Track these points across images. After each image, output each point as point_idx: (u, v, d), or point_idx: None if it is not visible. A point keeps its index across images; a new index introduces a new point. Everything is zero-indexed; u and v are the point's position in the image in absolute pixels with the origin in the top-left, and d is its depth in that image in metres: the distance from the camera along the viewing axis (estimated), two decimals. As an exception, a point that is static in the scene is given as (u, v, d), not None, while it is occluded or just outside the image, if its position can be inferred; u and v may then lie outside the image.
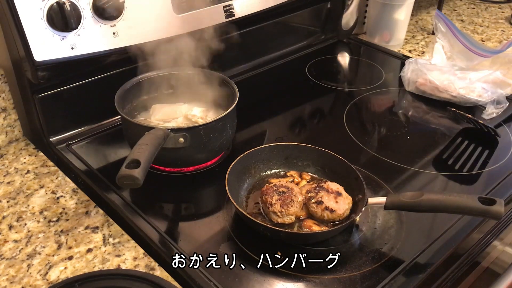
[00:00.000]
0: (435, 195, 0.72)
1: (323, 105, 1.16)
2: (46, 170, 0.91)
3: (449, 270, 0.77)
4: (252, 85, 1.19)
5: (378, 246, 0.74)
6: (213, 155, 0.90)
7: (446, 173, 0.91)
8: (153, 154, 0.72)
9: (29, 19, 0.79)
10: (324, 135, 1.04)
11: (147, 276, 0.67)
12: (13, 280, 0.69)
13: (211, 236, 0.76)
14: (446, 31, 1.21)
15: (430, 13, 1.66)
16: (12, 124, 0.98)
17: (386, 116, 1.11)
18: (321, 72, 1.26)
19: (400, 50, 1.40)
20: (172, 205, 0.84)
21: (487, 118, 1.06)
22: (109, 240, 0.76)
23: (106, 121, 1.00)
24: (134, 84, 0.93)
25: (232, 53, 1.14)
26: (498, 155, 0.96)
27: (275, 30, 1.27)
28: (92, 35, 0.86)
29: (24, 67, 0.85)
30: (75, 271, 0.71)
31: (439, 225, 0.78)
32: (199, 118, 0.94)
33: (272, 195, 0.76)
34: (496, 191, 0.86)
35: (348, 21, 1.38)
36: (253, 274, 0.69)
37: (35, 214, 0.81)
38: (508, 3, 1.77)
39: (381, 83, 1.22)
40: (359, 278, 0.69)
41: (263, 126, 1.05)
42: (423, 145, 0.99)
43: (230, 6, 1.04)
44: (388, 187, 0.86)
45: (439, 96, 1.13)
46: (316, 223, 0.75)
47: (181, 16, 0.97)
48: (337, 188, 0.78)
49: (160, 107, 0.97)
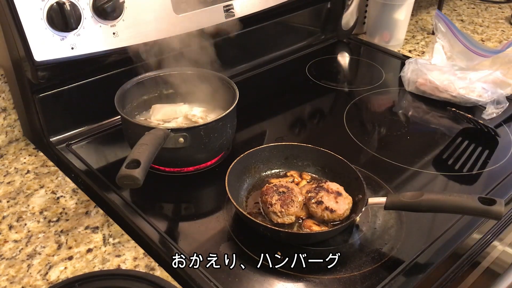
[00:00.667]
0: (435, 195, 0.72)
1: (323, 105, 1.16)
2: (46, 170, 0.91)
3: (449, 270, 0.77)
4: (252, 85, 1.19)
5: (378, 246, 0.74)
6: (213, 155, 0.90)
7: (446, 173, 0.91)
8: (153, 154, 0.72)
9: (29, 19, 0.79)
10: (324, 135, 1.04)
11: (147, 276, 0.67)
12: (13, 280, 0.69)
13: (211, 236, 0.76)
14: (446, 31, 1.21)
15: (430, 13, 1.66)
16: (12, 124, 0.98)
17: (386, 116, 1.11)
18: (321, 72, 1.26)
19: (400, 50, 1.40)
20: (172, 205, 0.84)
21: (487, 118, 1.06)
22: (109, 240, 0.76)
23: (106, 121, 1.00)
24: (134, 84, 0.93)
25: (232, 53, 1.14)
26: (498, 155, 0.96)
27: (275, 30, 1.27)
28: (92, 35, 0.86)
29: (24, 67, 0.85)
30: (75, 271, 0.71)
31: (439, 225, 0.78)
32: (199, 118, 0.94)
33: (272, 195, 0.76)
34: (496, 191, 0.86)
35: (348, 21, 1.38)
36: (253, 274, 0.69)
37: (35, 214, 0.81)
38: (508, 3, 1.77)
39: (381, 83, 1.22)
40: (359, 278, 0.69)
41: (263, 126, 1.05)
42: (423, 145, 0.99)
43: (230, 6, 1.04)
44: (388, 187, 0.86)
45: (439, 96, 1.13)
46: (316, 223, 0.75)
47: (181, 16, 0.97)
48: (337, 188, 0.78)
49: (160, 107, 0.97)
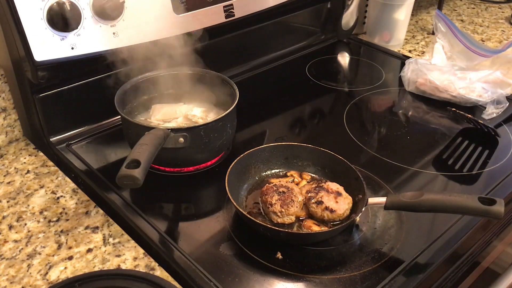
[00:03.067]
0: (435, 195, 0.72)
1: (323, 105, 1.16)
2: (46, 170, 0.91)
3: (449, 270, 0.77)
4: (252, 85, 1.19)
5: (378, 246, 0.74)
6: (213, 155, 0.90)
7: (446, 173, 0.91)
8: (153, 154, 0.72)
9: (29, 19, 0.79)
10: (324, 135, 1.04)
11: (147, 276, 0.67)
12: (13, 280, 0.69)
13: (211, 236, 0.76)
14: (446, 31, 1.21)
15: (430, 13, 1.66)
16: (12, 124, 0.98)
17: (386, 116, 1.11)
18: (321, 72, 1.26)
19: (400, 50, 1.40)
20: (172, 205, 0.84)
21: (487, 118, 1.06)
22: (109, 240, 0.76)
23: (106, 121, 1.00)
24: (134, 84, 0.93)
25: (232, 53, 1.14)
26: (498, 155, 0.96)
27: (275, 30, 1.27)
28: (92, 35, 0.86)
29: (24, 67, 0.85)
30: (75, 271, 0.71)
31: (439, 225, 0.78)
32: (199, 118, 0.94)
33: (272, 195, 0.76)
34: (496, 191, 0.86)
35: (348, 21, 1.38)
36: (253, 274, 0.69)
37: (35, 214, 0.81)
38: (508, 3, 1.77)
39: (381, 83, 1.22)
40: (359, 278, 0.69)
41: (263, 126, 1.05)
42: (423, 145, 0.99)
43: (230, 6, 1.04)
44: (388, 187, 0.86)
45: (439, 96, 1.13)
46: (316, 223, 0.75)
47: (181, 16, 0.97)
48: (337, 188, 0.78)
49: (160, 107, 0.97)
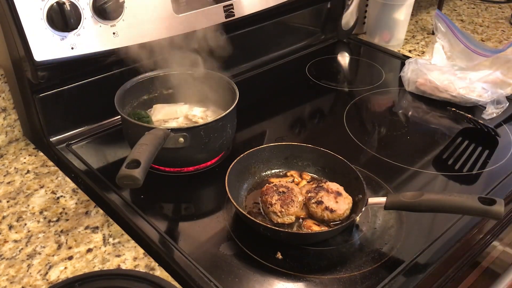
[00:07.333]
0: (435, 195, 0.72)
1: (323, 105, 1.16)
2: (46, 170, 0.91)
3: (449, 270, 0.77)
4: (252, 85, 1.19)
5: (378, 246, 0.74)
6: (213, 155, 0.90)
7: (446, 173, 0.91)
8: (153, 154, 0.72)
9: (29, 19, 0.79)
10: (324, 135, 1.04)
11: (147, 276, 0.67)
12: (13, 280, 0.69)
13: (211, 236, 0.76)
14: (446, 31, 1.21)
15: (430, 13, 1.66)
16: (12, 124, 0.98)
17: (386, 116, 1.11)
18: (321, 72, 1.26)
19: (400, 50, 1.40)
20: (172, 205, 0.84)
21: (487, 118, 1.06)
22: (109, 240, 0.76)
23: (106, 121, 1.00)
24: (134, 84, 0.93)
25: (232, 53, 1.14)
26: (498, 155, 0.96)
27: (275, 30, 1.27)
28: (92, 35, 0.86)
29: (24, 67, 0.85)
30: (75, 271, 0.71)
31: (439, 225, 0.78)
32: (199, 118, 0.94)
33: (272, 195, 0.76)
34: (496, 191, 0.86)
35: (348, 21, 1.38)
36: (253, 274, 0.69)
37: (35, 214, 0.81)
38: (508, 3, 1.77)
39: (381, 83, 1.22)
40: (359, 278, 0.69)
41: (263, 126, 1.05)
42: (423, 145, 0.99)
43: (230, 6, 1.04)
44: (388, 187, 0.86)
45: (439, 96, 1.13)
46: (316, 223, 0.75)
47: (181, 16, 0.97)
48: (337, 188, 0.78)
49: (160, 107, 0.97)
